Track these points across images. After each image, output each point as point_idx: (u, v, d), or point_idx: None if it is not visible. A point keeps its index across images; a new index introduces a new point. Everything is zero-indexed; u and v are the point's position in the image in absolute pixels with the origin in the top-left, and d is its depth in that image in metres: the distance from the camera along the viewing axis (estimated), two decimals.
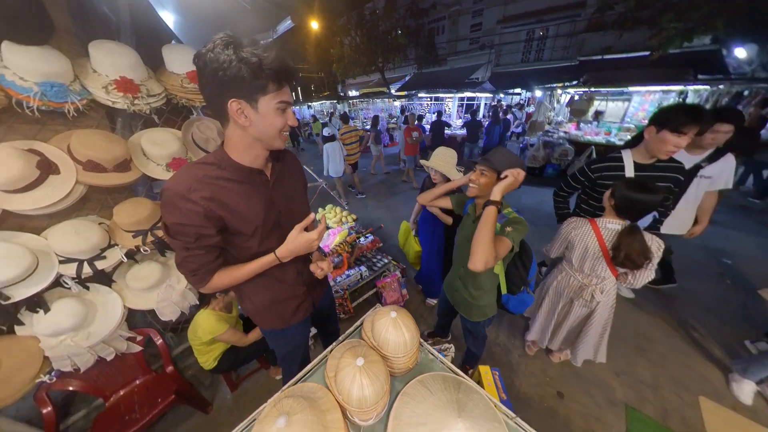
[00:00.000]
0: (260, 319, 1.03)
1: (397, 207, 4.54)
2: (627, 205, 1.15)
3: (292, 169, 0.95)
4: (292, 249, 0.83)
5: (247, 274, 0.82)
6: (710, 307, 2.26)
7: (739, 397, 1.58)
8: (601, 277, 1.34)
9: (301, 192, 0.99)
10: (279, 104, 0.66)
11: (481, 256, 0.93)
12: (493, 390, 1.04)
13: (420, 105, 10.63)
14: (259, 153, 0.76)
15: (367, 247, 2.13)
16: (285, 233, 0.84)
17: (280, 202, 0.86)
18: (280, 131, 0.71)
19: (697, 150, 1.66)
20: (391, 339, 0.83)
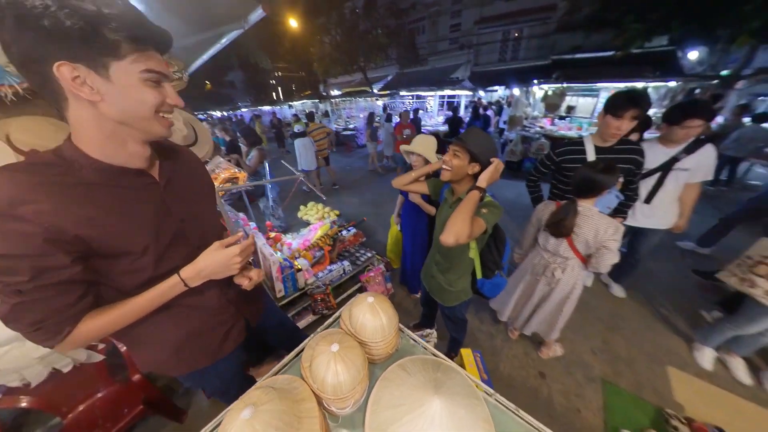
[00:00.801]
0: (173, 365, 0.79)
1: (384, 203, 4.54)
2: (579, 184, 1.26)
3: (191, 167, 0.78)
4: (202, 268, 0.65)
5: (140, 309, 0.61)
6: (674, 285, 2.44)
7: (702, 363, 1.71)
8: (564, 257, 1.41)
9: (207, 195, 0.82)
10: (144, 74, 0.50)
11: (454, 229, 0.90)
12: (474, 371, 1.05)
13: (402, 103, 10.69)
14: (135, 147, 0.58)
15: (350, 241, 2.10)
16: (194, 248, 0.68)
17: (179, 209, 0.69)
18: (156, 111, 0.54)
19: (671, 144, 1.68)
20: (368, 324, 0.81)
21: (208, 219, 0.80)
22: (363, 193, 5.11)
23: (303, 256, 1.74)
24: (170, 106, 0.57)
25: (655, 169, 1.73)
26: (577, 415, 1.51)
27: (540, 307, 1.59)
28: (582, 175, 1.23)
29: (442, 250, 1.23)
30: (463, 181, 1.06)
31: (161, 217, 0.64)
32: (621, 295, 2.33)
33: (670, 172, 1.71)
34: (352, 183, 5.77)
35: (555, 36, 9.56)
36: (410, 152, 1.56)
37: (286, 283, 1.54)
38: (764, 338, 1.52)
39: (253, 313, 0.97)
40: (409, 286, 2.31)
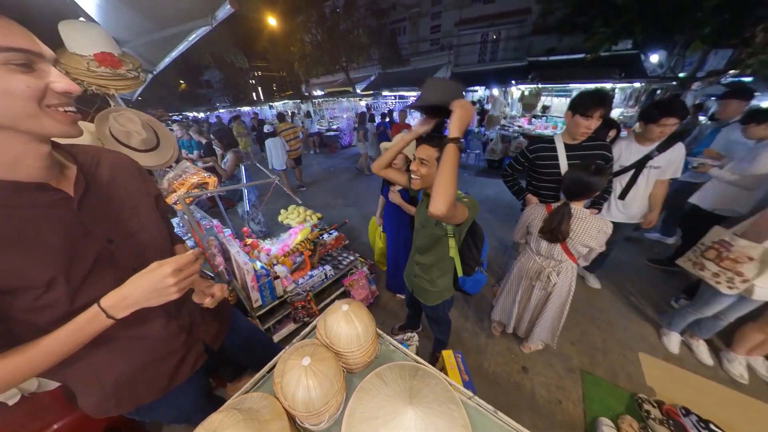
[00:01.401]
0: (114, 404, 0.67)
1: (366, 204, 4.50)
2: (572, 186, 1.25)
3: (124, 176, 0.65)
4: (127, 294, 0.52)
5: (53, 351, 0.48)
6: (643, 275, 2.58)
7: (669, 347, 1.82)
8: (558, 260, 1.41)
9: (147, 207, 0.69)
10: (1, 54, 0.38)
11: (444, 196, 0.80)
12: (455, 372, 1.04)
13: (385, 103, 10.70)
14: (23, 155, 0.45)
15: (332, 244, 2.05)
16: (128, 271, 0.55)
17: (104, 228, 0.58)
18: (38, 103, 0.42)
19: (646, 142, 1.74)
20: (342, 333, 0.78)
21: (149, 236, 0.68)
22: (347, 194, 5.05)
23: (282, 262, 1.67)
24: (61, 95, 0.45)
25: (630, 166, 1.81)
26: (558, 406, 1.55)
27: (541, 314, 1.56)
28: (575, 177, 1.21)
29: (422, 250, 1.22)
30: None
31: (76, 239, 0.53)
32: (597, 287, 2.44)
33: (643, 170, 1.79)
34: (337, 185, 5.68)
35: (531, 38, 9.93)
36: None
37: (263, 292, 1.47)
38: (722, 322, 1.63)
39: (215, 334, 0.88)
40: (394, 287, 2.29)
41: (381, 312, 2.21)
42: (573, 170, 1.25)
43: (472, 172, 6.02)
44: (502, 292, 1.73)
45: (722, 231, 1.51)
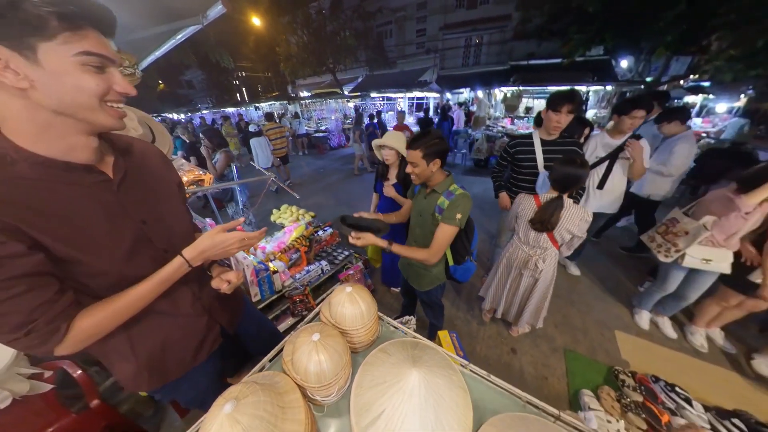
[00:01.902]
0: (147, 378, 0.74)
1: (359, 203, 4.55)
2: (560, 178, 1.35)
3: (153, 164, 0.72)
4: (204, 249, 0.65)
5: (143, 297, 0.59)
6: (616, 261, 2.80)
7: (640, 324, 2.01)
8: (543, 248, 1.53)
9: (173, 195, 0.76)
10: (81, 57, 0.45)
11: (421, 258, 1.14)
12: (451, 349, 1.13)
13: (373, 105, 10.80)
14: (77, 139, 0.52)
15: (327, 241, 2.09)
16: (161, 252, 0.66)
17: (138, 210, 0.64)
18: (100, 99, 0.49)
19: (618, 134, 1.92)
20: (347, 313, 0.84)
21: (175, 221, 0.74)
22: (338, 194, 5.08)
23: (278, 258, 1.69)
24: (119, 94, 0.52)
25: (605, 157, 1.98)
26: (544, 382, 1.68)
27: (530, 299, 1.66)
28: (566, 172, 1.30)
29: (417, 239, 1.30)
30: (432, 177, 1.13)
31: (116, 218, 0.59)
32: (576, 273, 2.62)
33: (615, 161, 1.97)
34: (328, 185, 5.69)
35: (512, 43, 10.37)
36: (381, 146, 1.61)
37: (261, 287, 1.49)
38: (684, 302, 1.82)
39: (230, 319, 0.93)
40: (389, 281, 2.36)
41: (378, 305, 2.26)
42: (562, 165, 1.33)
43: (459, 171, 6.20)
44: (493, 282, 1.83)
45: (676, 210, 1.70)
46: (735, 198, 1.37)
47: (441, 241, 1.11)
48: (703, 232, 1.47)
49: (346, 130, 9.78)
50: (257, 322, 1.11)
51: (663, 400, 1.50)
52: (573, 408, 1.54)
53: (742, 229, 1.41)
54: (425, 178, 1.13)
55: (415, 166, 1.08)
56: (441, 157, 1.07)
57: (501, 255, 1.77)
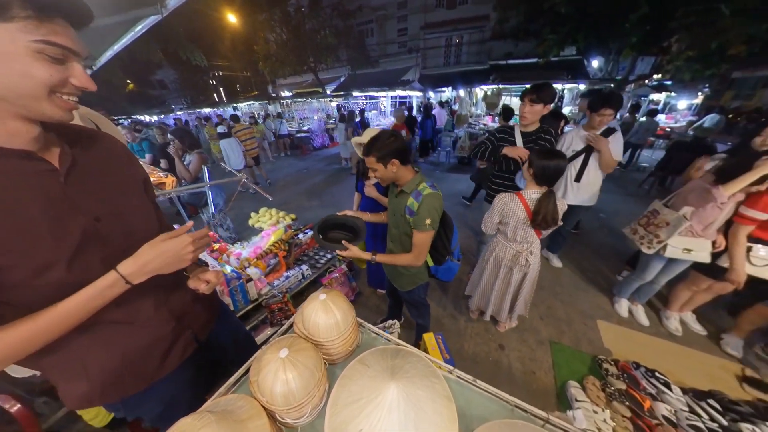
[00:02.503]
0: (98, 394, 0.64)
1: (343, 204, 4.44)
2: (542, 172, 1.32)
3: (111, 155, 0.65)
4: (147, 261, 0.55)
5: (67, 318, 0.50)
6: (596, 252, 2.89)
7: (620, 312, 2.07)
8: (530, 242, 1.52)
9: (137, 189, 0.69)
10: (37, 44, 0.41)
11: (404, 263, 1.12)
12: (437, 353, 1.08)
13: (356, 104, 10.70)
14: (13, 124, 0.46)
15: (308, 244, 1.99)
16: (117, 252, 0.56)
17: (91, 205, 0.57)
18: (50, 90, 0.44)
19: (591, 130, 1.98)
20: (321, 323, 0.76)
21: (138, 219, 0.66)
22: (322, 196, 4.95)
23: (254, 264, 1.58)
24: (75, 87, 0.48)
25: (581, 150, 2.04)
26: (532, 377, 1.67)
27: (520, 293, 1.67)
28: (547, 164, 1.29)
29: (393, 238, 1.25)
30: (398, 177, 1.08)
31: (61, 213, 0.52)
32: (558, 265, 2.67)
33: (592, 153, 2.02)
34: (311, 186, 5.53)
35: (491, 43, 10.61)
36: (361, 144, 1.54)
37: (234, 297, 1.38)
38: (656, 286, 1.89)
39: (203, 323, 0.85)
40: (375, 282, 2.29)
41: (363, 308, 2.19)
42: (541, 158, 1.31)
43: (444, 169, 6.24)
44: (480, 283, 1.79)
45: (657, 202, 1.75)
46: (713, 189, 1.41)
47: (420, 246, 1.09)
48: (683, 223, 1.51)
49: (329, 130, 9.61)
50: (233, 328, 1.02)
51: (644, 386, 1.53)
52: (561, 400, 1.54)
53: (718, 218, 1.46)
54: (390, 180, 1.09)
55: (374, 171, 1.05)
56: (398, 156, 1.01)
57: (485, 255, 1.74)
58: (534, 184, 1.40)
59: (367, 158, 1.03)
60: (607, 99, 1.88)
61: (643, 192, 4.68)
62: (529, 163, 1.38)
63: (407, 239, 1.14)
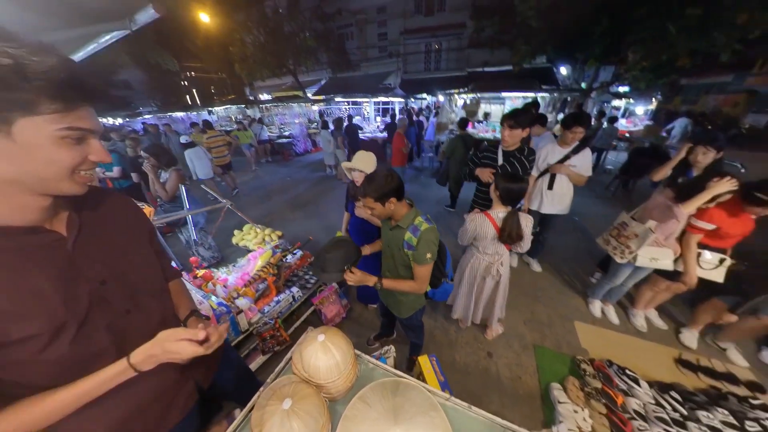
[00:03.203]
0: None
1: (328, 213, 4.41)
2: (506, 194, 1.47)
3: (117, 212, 0.66)
4: (157, 355, 0.56)
5: (70, 404, 0.50)
6: (571, 255, 3.10)
7: (594, 313, 2.24)
8: (500, 254, 1.66)
9: (143, 243, 0.69)
10: (63, 131, 0.42)
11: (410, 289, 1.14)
12: (432, 376, 1.12)
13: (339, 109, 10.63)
14: (25, 200, 0.46)
15: (297, 264, 1.96)
16: (121, 313, 0.58)
17: (97, 269, 0.56)
18: (72, 171, 0.45)
19: (565, 145, 2.19)
20: (321, 365, 0.78)
21: (142, 275, 0.67)
22: (306, 206, 4.86)
23: (243, 293, 1.53)
24: (93, 163, 0.49)
25: (556, 163, 2.22)
26: (519, 382, 1.77)
27: (495, 299, 1.80)
28: (510, 188, 1.44)
29: (390, 268, 1.28)
30: (394, 212, 1.11)
31: (69, 282, 0.51)
32: (538, 270, 2.84)
33: None
34: (295, 196, 5.42)
35: (468, 51, 10.99)
36: (351, 169, 1.56)
37: None
38: (624, 287, 2.08)
39: (205, 372, 0.83)
40: (365, 297, 2.31)
41: (355, 324, 2.20)
42: (506, 182, 1.45)
43: (428, 174, 6.38)
44: (458, 294, 1.90)
45: (624, 215, 1.93)
46: (674, 207, 1.60)
47: (422, 276, 1.13)
48: (650, 235, 1.69)
49: (311, 135, 9.46)
50: (235, 364, 1.01)
51: (617, 383, 1.68)
52: (545, 403, 1.65)
53: (676, 230, 1.67)
54: (386, 216, 1.12)
55: (371, 209, 1.07)
56: (395, 195, 1.04)
57: (461, 266, 1.84)
58: (500, 204, 1.52)
59: (365, 198, 1.04)
60: (578, 118, 2.08)
61: (610, 194, 5.08)
62: (495, 186, 1.50)
63: (404, 269, 1.18)
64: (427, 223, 1.08)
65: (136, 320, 0.62)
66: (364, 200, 1.05)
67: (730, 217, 1.54)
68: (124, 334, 0.60)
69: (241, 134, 6.84)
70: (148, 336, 0.60)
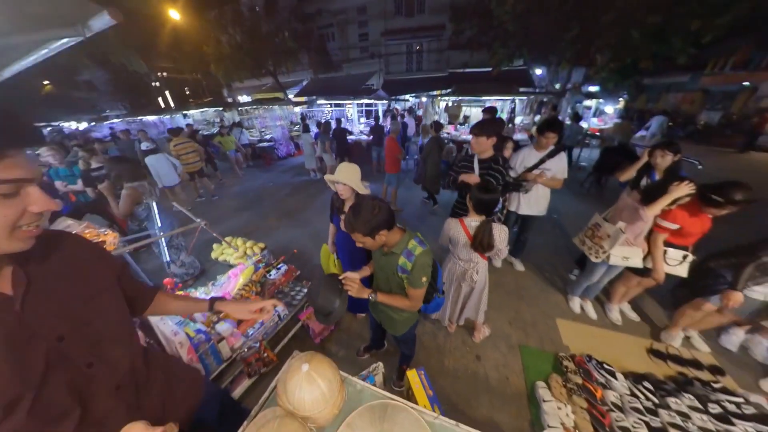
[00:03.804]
0: None
1: (313, 221, 4.33)
2: (479, 204, 1.53)
3: (74, 258, 0.59)
4: None
5: None
6: (551, 252, 3.23)
7: (574, 309, 2.35)
8: (475, 262, 1.72)
9: (107, 288, 0.63)
10: None
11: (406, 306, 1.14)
12: (421, 390, 1.12)
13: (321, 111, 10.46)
14: None
15: (282, 280, 1.90)
16: (81, 368, 0.53)
17: (53, 325, 0.51)
18: (11, 229, 0.41)
19: (540, 149, 2.29)
20: (306, 397, 0.75)
21: (104, 320, 0.60)
22: (290, 213, 4.72)
23: (224, 317, 1.46)
24: (36, 215, 0.44)
25: (532, 167, 2.32)
26: (506, 383, 1.82)
27: (468, 302, 1.88)
28: (483, 198, 1.50)
29: (382, 288, 1.27)
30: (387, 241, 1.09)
31: (21, 348, 0.46)
32: (521, 269, 2.94)
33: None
34: (277, 203, 5.27)
35: (449, 52, 11.18)
36: (335, 182, 1.53)
37: (205, 361, 1.26)
38: (600, 284, 2.20)
39: (185, 411, 0.80)
40: (353, 307, 2.28)
41: (344, 335, 2.18)
42: (479, 192, 1.51)
43: (413, 175, 6.42)
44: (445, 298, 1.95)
45: (597, 216, 2.03)
46: (640, 209, 1.71)
47: (417, 296, 1.13)
48: (621, 235, 1.80)
49: (293, 138, 9.25)
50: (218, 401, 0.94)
51: (596, 377, 1.77)
52: (531, 401, 1.70)
53: (644, 230, 1.79)
54: (379, 247, 1.10)
55: (362, 243, 1.04)
56: (385, 227, 1.00)
57: (443, 272, 1.88)
58: (474, 213, 1.58)
59: (354, 234, 1.00)
60: (551, 124, 2.19)
61: (585, 191, 5.36)
62: (470, 196, 1.56)
63: (399, 289, 1.18)
64: (421, 246, 1.06)
65: (101, 372, 0.57)
66: (353, 236, 1.01)
67: (690, 217, 1.66)
68: (88, 389, 0.55)
69: (224, 140, 6.56)
70: (114, 388, 0.57)
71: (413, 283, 1.07)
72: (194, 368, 0.81)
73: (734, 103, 10.20)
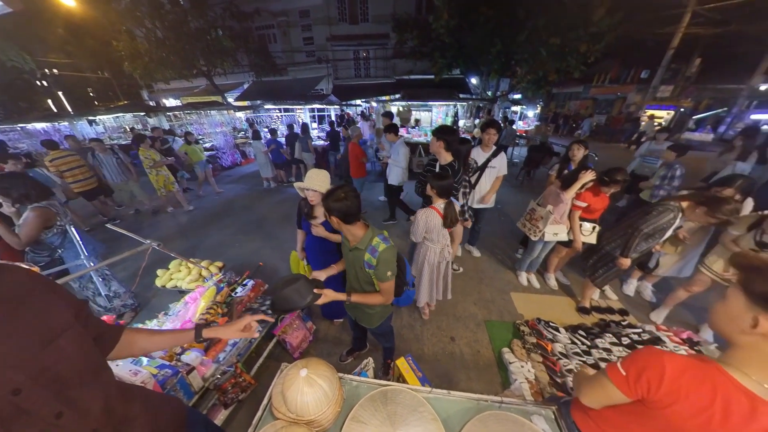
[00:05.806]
0: None
1: (274, 231, 4.07)
2: (440, 189, 1.78)
3: (24, 297, 0.52)
4: None
5: None
6: (500, 237, 3.71)
7: (522, 282, 2.77)
8: (446, 237, 1.96)
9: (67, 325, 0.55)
10: None
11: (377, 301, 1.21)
12: (411, 375, 1.20)
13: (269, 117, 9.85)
14: None
15: (250, 296, 1.76)
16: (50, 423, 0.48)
17: (4, 378, 0.45)
18: None
19: (485, 148, 2.65)
20: (309, 401, 0.76)
21: (69, 362, 0.53)
22: (247, 226, 4.33)
23: (189, 346, 1.29)
24: None
25: (481, 165, 2.67)
26: (479, 355, 2.04)
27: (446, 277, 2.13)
28: (442, 184, 1.77)
29: (354, 286, 1.31)
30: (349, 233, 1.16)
31: None
32: (478, 255, 3.30)
33: (485, 169, 2.69)
34: (229, 216, 4.79)
35: (394, 60, 11.73)
36: (305, 188, 1.51)
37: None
38: (539, 259, 2.65)
39: None
40: (329, 313, 2.25)
41: (325, 343, 2.13)
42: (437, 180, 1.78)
43: (372, 177, 6.56)
44: (422, 285, 2.10)
45: (532, 203, 2.44)
46: (561, 193, 2.15)
47: (387, 290, 1.19)
48: (550, 216, 2.21)
49: (239, 146, 8.50)
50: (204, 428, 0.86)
51: (545, 334, 2.11)
52: (500, 366, 1.95)
53: (566, 210, 2.23)
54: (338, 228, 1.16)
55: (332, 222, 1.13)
56: (340, 217, 1.08)
57: (419, 261, 2.06)
58: (438, 198, 1.83)
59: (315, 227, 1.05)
60: (491, 123, 2.60)
61: (519, 183, 6.26)
62: (431, 186, 1.81)
63: (369, 286, 1.23)
64: (384, 243, 1.13)
65: (72, 421, 0.50)
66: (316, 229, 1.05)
67: (594, 196, 2.15)
68: None
69: (190, 149, 5.30)
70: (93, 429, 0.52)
71: (379, 277, 1.15)
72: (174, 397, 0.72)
73: (613, 108, 13.50)
